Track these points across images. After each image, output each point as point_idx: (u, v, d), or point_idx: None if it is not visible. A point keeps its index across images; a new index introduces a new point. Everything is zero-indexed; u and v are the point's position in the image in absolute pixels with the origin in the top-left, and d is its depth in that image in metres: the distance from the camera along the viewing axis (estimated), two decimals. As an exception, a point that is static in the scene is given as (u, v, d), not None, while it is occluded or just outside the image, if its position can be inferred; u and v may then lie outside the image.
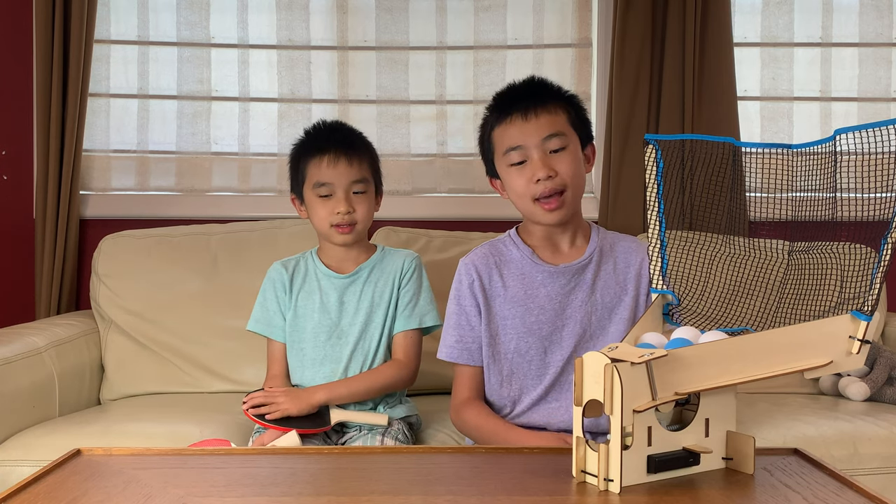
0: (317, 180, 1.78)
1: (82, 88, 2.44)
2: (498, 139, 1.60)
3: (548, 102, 1.58)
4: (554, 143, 1.55)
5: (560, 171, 1.55)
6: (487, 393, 1.66)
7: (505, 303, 1.61)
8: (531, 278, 1.61)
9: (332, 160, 1.77)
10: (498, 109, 1.61)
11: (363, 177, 1.80)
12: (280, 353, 1.86)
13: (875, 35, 2.64)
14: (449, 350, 1.65)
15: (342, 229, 1.78)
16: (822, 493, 1.01)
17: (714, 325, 1.19)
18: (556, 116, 1.57)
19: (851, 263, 1.10)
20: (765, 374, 1.06)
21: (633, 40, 2.48)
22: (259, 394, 1.72)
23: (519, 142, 1.56)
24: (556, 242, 1.64)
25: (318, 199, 1.78)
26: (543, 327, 1.59)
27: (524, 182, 1.56)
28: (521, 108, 1.56)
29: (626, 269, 1.61)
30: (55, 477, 1.07)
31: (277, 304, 1.86)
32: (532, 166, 1.55)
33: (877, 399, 2.08)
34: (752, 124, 2.65)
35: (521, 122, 1.56)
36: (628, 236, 1.70)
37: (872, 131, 1.05)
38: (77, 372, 2.15)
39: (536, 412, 1.60)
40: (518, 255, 1.64)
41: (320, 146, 1.80)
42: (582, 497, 1.01)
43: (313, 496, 1.02)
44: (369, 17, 2.64)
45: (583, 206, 1.65)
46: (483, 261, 1.65)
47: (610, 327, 1.59)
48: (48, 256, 2.46)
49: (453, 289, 1.67)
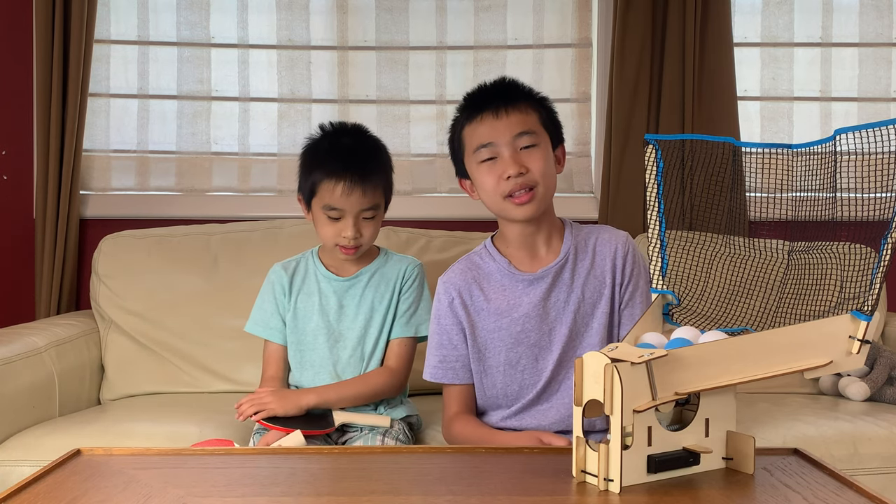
0: (328, 203, 1.73)
1: (82, 88, 2.44)
2: (468, 137, 1.60)
3: (519, 102, 1.58)
4: (525, 141, 1.55)
5: (531, 168, 1.54)
6: (481, 402, 1.66)
7: (489, 316, 1.61)
8: (512, 289, 1.61)
9: (346, 189, 1.70)
10: (469, 108, 1.61)
11: (375, 204, 1.75)
12: (276, 355, 1.85)
13: (875, 35, 2.64)
14: (433, 371, 1.66)
15: (346, 250, 1.76)
16: (822, 493, 1.01)
17: (714, 325, 1.19)
18: (526, 115, 1.57)
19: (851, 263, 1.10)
20: (765, 374, 1.06)
21: (633, 40, 2.48)
22: (245, 400, 1.70)
23: (490, 139, 1.56)
24: (532, 245, 1.62)
25: (327, 220, 1.75)
26: (531, 335, 1.59)
27: (494, 179, 1.55)
28: (493, 107, 1.57)
29: (602, 262, 1.61)
30: (55, 477, 1.07)
31: (276, 307, 1.85)
32: (503, 163, 1.54)
33: (877, 399, 2.08)
34: (752, 124, 2.65)
35: (493, 120, 1.56)
36: (603, 227, 1.69)
37: (872, 131, 1.05)
38: (77, 372, 2.15)
39: (528, 415, 1.61)
40: (495, 267, 1.63)
41: (337, 170, 1.72)
42: (582, 497, 1.01)
43: (313, 496, 1.02)
44: (369, 17, 2.64)
45: (583, 205, 1.65)
46: (461, 277, 1.64)
47: (593, 323, 1.59)
48: (48, 256, 2.46)
49: (434, 308, 1.67)
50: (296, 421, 1.67)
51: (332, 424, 1.71)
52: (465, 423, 1.62)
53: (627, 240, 1.63)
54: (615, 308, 1.60)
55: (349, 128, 1.83)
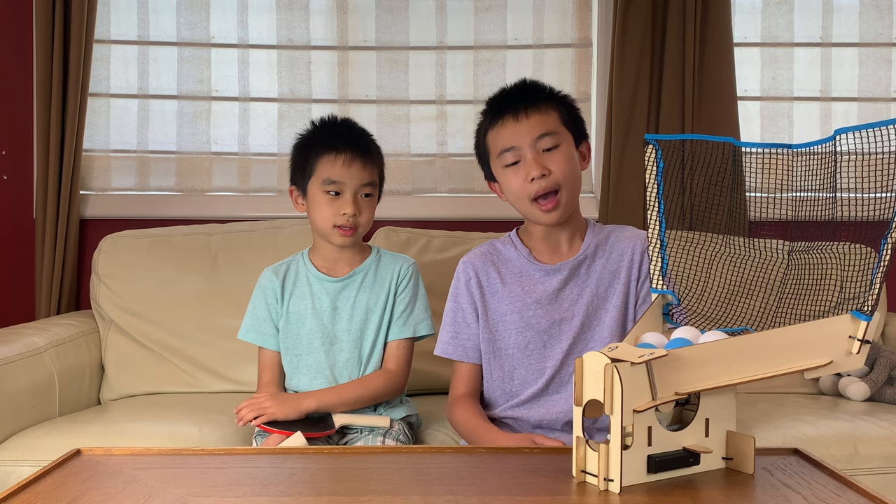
0: (328, 177, 1.74)
1: (82, 88, 2.44)
2: (492, 142, 1.63)
3: (539, 103, 1.60)
4: (546, 143, 1.58)
5: (553, 170, 1.57)
6: (489, 388, 1.67)
7: (503, 299, 1.64)
8: (528, 276, 1.64)
9: (347, 160, 1.74)
10: (490, 113, 1.64)
11: (373, 180, 1.78)
12: (271, 360, 1.84)
13: (875, 35, 2.64)
14: (444, 346, 1.69)
15: (344, 231, 1.75)
16: (822, 493, 1.01)
17: (714, 325, 1.19)
18: (547, 116, 1.59)
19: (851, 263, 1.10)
20: (765, 374, 1.06)
21: (633, 40, 2.48)
22: (244, 405, 1.69)
23: (512, 143, 1.59)
24: (555, 241, 1.66)
25: (326, 197, 1.74)
26: (541, 322, 1.61)
27: (519, 182, 1.58)
28: (513, 110, 1.59)
29: (619, 258, 1.63)
30: (55, 477, 1.07)
31: (268, 313, 1.84)
32: (526, 166, 1.57)
33: (877, 399, 2.08)
34: (752, 124, 2.65)
35: (513, 124, 1.59)
36: (625, 227, 1.71)
37: (872, 131, 1.05)
38: (77, 372, 2.15)
39: (537, 405, 1.62)
40: (515, 255, 1.67)
41: (336, 144, 1.75)
42: (582, 497, 1.01)
43: (313, 496, 1.02)
44: (369, 17, 2.64)
45: (583, 205, 1.65)
46: (481, 259, 1.68)
47: (605, 316, 1.61)
48: (48, 256, 2.46)
49: (452, 287, 1.71)
50: (296, 424, 1.66)
51: (332, 426, 1.70)
52: (465, 409, 1.64)
53: (646, 237, 1.64)
54: (629, 303, 1.62)
55: (341, 119, 1.86)
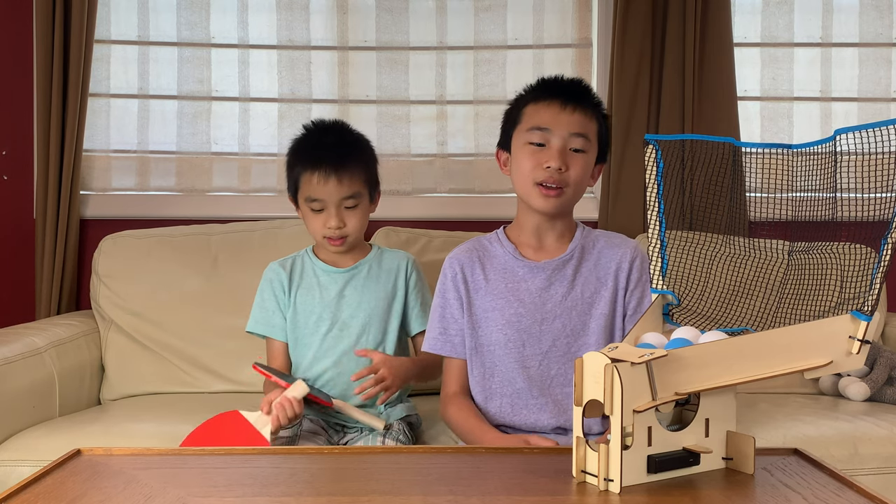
0: (308, 195, 1.79)
1: (82, 88, 2.44)
2: (529, 114, 1.61)
3: (587, 105, 1.60)
4: (577, 143, 1.58)
5: (571, 170, 1.57)
6: (471, 385, 1.67)
7: (486, 295, 1.64)
8: (513, 273, 1.64)
9: (322, 177, 1.76)
10: (540, 89, 1.63)
11: (354, 192, 1.79)
12: (279, 351, 1.87)
13: (875, 35, 2.64)
14: (432, 342, 1.69)
15: (334, 242, 1.81)
16: (822, 493, 1.01)
17: (714, 325, 1.19)
18: (589, 121, 1.60)
19: (851, 263, 1.10)
20: (765, 374, 1.06)
21: (633, 40, 2.48)
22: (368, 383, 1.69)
23: (548, 124, 1.58)
24: (542, 237, 1.65)
25: (311, 212, 1.80)
26: (522, 320, 1.61)
27: (533, 164, 1.57)
28: (563, 97, 1.59)
29: (607, 264, 1.63)
30: (55, 477, 1.07)
31: (276, 304, 1.86)
32: (548, 153, 1.57)
33: (877, 399, 2.08)
34: (752, 124, 2.65)
35: (559, 109, 1.58)
36: (615, 234, 1.71)
37: (872, 131, 1.05)
38: (77, 372, 2.15)
39: (525, 410, 1.60)
40: (501, 251, 1.67)
41: (312, 159, 1.78)
42: (582, 497, 1.01)
43: (313, 496, 1.02)
44: (369, 17, 2.64)
45: (583, 205, 1.66)
46: (466, 255, 1.68)
47: (590, 323, 1.60)
48: (48, 256, 2.46)
49: (439, 283, 1.71)
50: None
51: (329, 401, 1.72)
52: (459, 407, 1.64)
53: (636, 247, 1.65)
54: (617, 312, 1.61)
55: (329, 124, 1.88)
